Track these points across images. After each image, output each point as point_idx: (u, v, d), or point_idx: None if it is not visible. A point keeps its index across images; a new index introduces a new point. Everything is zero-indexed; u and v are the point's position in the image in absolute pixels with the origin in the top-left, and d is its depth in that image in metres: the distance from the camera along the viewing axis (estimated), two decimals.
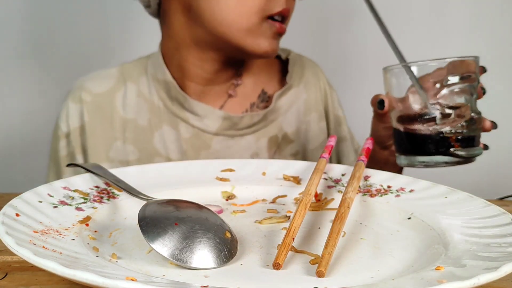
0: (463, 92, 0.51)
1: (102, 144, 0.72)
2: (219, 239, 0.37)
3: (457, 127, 0.51)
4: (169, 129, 0.72)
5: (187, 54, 0.70)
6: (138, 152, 0.72)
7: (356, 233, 0.42)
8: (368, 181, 0.52)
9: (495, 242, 0.36)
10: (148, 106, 0.72)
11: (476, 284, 0.29)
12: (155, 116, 0.72)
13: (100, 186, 0.48)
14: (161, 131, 0.72)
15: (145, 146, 0.72)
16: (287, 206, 0.49)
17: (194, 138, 0.72)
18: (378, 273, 0.34)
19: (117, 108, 0.72)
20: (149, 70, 0.73)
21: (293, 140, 0.77)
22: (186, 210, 0.39)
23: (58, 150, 0.73)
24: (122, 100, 0.73)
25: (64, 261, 0.30)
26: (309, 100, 0.78)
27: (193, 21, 0.67)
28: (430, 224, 0.42)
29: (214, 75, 0.72)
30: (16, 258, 0.38)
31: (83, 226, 0.40)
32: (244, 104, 0.75)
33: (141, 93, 0.73)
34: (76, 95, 0.73)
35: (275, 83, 0.78)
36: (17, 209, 0.38)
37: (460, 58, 0.51)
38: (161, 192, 0.48)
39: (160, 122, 0.72)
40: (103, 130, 0.72)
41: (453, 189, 0.47)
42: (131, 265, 0.35)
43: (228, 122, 0.72)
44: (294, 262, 0.36)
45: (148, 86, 0.73)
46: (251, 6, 0.63)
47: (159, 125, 0.72)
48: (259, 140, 0.74)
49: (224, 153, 0.73)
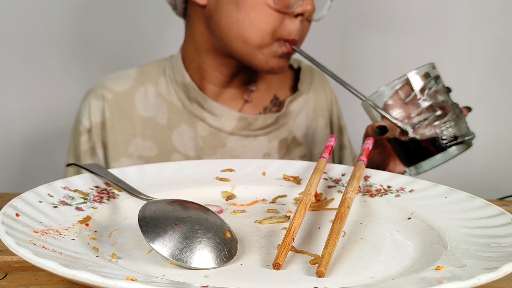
0: (438, 92, 0.56)
1: (121, 140, 0.75)
2: (219, 239, 0.37)
3: (447, 122, 0.55)
4: (187, 127, 0.76)
5: (207, 58, 0.75)
6: (157, 149, 0.75)
7: (356, 233, 0.42)
8: (368, 181, 0.52)
9: (495, 242, 0.36)
10: (167, 106, 0.76)
11: (476, 284, 0.29)
12: (174, 116, 0.76)
13: (100, 186, 0.48)
14: (180, 129, 0.76)
15: (164, 143, 0.76)
16: (287, 206, 0.49)
17: (211, 136, 0.76)
18: (378, 273, 0.34)
19: (136, 106, 0.76)
20: (168, 72, 0.77)
21: (302, 143, 0.81)
22: (186, 210, 0.39)
23: (79, 145, 0.76)
24: (142, 100, 0.76)
25: (64, 261, 0.30)
26: (317, 107, 0.83)
27: (211, 31, 0.72)
28: (430, 224, 0.42)
29: (231, 78, 0.76)
30: (16, 258, 0.39)
31: (83, 226, 0.40)
32: (258, 107, 0.80)
33: (160, 93, 0.77)
34: (98, 92, 0.76)
35: (287, 89, 0.83)
36: (17, 209, 0.38)
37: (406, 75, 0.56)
38: (161, 192, 0.49)
39: (179, 121, 0.76)
40: (123, 126, 0.75)
41: (453, 189, 0.47)
42: (131, 265, 0.35)
43: (243, 123, 0.76)
44: (294, 262, 0.36)
45: (167, 88, 0.77)
46: (265, 27, 0.67)
47: (177, 124, 0.76)
48: (271, 142, 0.78)
49: (238, 152, 0.77)
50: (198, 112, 0.76)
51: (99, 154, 0.75)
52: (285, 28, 0.67)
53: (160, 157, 0.75)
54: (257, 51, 0.69)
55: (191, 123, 0.76)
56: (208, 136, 0.76)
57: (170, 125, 0.76)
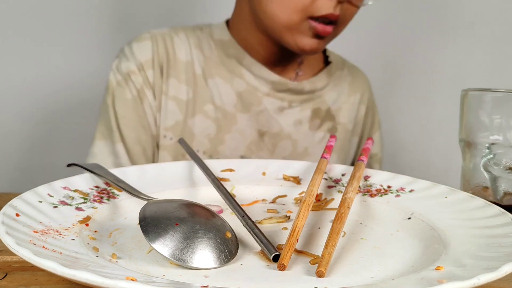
0: None
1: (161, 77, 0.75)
2: (219, 239, 0.37)
3: None
4: (223, 82, 0.76)
5: (251, 33, 0.75)
6: (192, 93, 0.76)
7: (356, 233, 0.42)
8: (368, 181, 0.52)
9: (495, 242, 0.36)
10: (204, 58, 0.77)
11: (476, 284, 0.29)
12: (210, 68, 0.76)
13: (100, 186, 0.48)
14: (215, 81, 0.76)
15: (198, 91, 0.76)
16: (287, 206, 0.49)
17: (247, 93, 0.76)
18: (378, 273, 0.34)
19: (175, 47, 0.76)
20: (205, 30, 0.79)
21: (334, 116, 0.82)
22: (186, 210, 0.39)
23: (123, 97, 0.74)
24: (180, 44, 0.77)
25: (64, 261, 0.30)
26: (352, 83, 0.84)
27: (252, 8, 0.72)
28: (430, 224, 0.42)
29: (273, 56, 0.76)
30: (16, 258, 0.38)
31: (83, 226, 0.40)
32: None
33: (198, 45, 0.77)
34: (138, 37, 0.76)
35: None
36: (17, 209, 0.38)
37: None
38: (161, 192, 0.49)
39: (216, 73, 0.76)
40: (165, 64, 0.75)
41: (453, 189, 0.47)
42: (131, 265, 0.35)
43: (280, 86, 0.77)
44: (294, 262, 0.36)
45: (206, 42, 0.77)
46: (294, 5, 0.66)
47: (213, 75, 0.76)
48: (304, 110, 0.79)
49: (270, 114, 0.77)
50: (235, 68, 0.76)
51: (149, 96, 0.74)
52: (315, 5, 0.65)
53: (195, 102, 0.75)
54: (285, 30, 0.68)
55: (228, 78, 0.76)
56: (244, 93, 0.76)
57: (205, 75, 0.76)
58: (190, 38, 0.77)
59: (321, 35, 0.67)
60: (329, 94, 0.81)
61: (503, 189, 0.50)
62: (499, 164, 0.50)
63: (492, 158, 0.51)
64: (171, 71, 0.75)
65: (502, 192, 0.50)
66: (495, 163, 0.51)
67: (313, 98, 0.80)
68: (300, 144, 0.79)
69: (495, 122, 0.51)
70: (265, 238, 0.38)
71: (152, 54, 0.75)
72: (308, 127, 0.80)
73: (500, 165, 0.50)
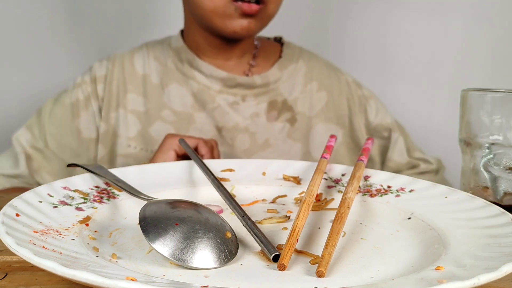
0: None
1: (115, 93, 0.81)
2: (219, 239, 0.37)
3: None
4: (177, 86, 0.81)
5: (195, 32, 0.80)
6: (149, 103, 0.81)
7: (356, 233, 0.42)
8: (368, 181, 0.52)
9: (495, 242, 0.36)
10: (161, 68, 0.82)
11: (476, 284, 0.29)
12: (166, 76, 0.82)
13: (100, 186, 0.48)
14: (170, 87, 0.81)
15: (155, 100, 0.81)
16: (287, 206, 0.49)
17: (201, 93, 0.80)
18: (378, 273, 0.34)
19: (135, 62, 0.83)
20: (166, 41, 0.85)
21: (291, 106, 0.83)
22: (186, 210, 0.39)
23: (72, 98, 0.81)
24: (139, 60, 0.83)
25: (64, 261, 0.30)
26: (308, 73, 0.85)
27: (190, 6, 0.77)
28: (430, 224, 0.42)
29: (220, 50, 0.81)
30: (16, 258, 0.38)
31: (83, 226, 0.40)
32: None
33: (157, 57, 0.83)
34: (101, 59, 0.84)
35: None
36: (17, 209, 0.38)
37: None
38: (161, 192, 0.49)
39: (172, 79, 0.81)
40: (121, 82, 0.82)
41: (453, 189, 0.47)
42: (131, 265, 0.35)
43: (231, 82, 0.80)
44: (294, 262, 0.36)
45: (164, 53, 0.83)
46: None
47: (170, 82, 0.81)
48: (260, 104, 0.82)
49: (227, 110, 0.80)
50: (188, 71, 0.81)
51: (94, 105, 0.81)
52: None
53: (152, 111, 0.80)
54: (212, 15, 0.72)
55: (182, 82, 0.81)
56: (198, 93, 0.80)
57: (163, 84, 0.81)
58: (150, 52, 0.84)
59: (248, 13, 0.70)
60: (284, 86, 0.83)
61: (503, 189, 0.50)
62: (499, 164, 0.50)
63: (492, 158, 0.51)
64: (129, 86, 0.82)
65: (502, 192, 0.50)
66: (495, 163, 0.50)
67: (268, 91, 0.82)
68: (259, 136, 0.81)
69: (495, 122, 0.51)
70: (265, 238, 0.38)
71: (106, 72, 0.82)
72: (265, 119, 0.82)
73: (500, 165, 0.50)
